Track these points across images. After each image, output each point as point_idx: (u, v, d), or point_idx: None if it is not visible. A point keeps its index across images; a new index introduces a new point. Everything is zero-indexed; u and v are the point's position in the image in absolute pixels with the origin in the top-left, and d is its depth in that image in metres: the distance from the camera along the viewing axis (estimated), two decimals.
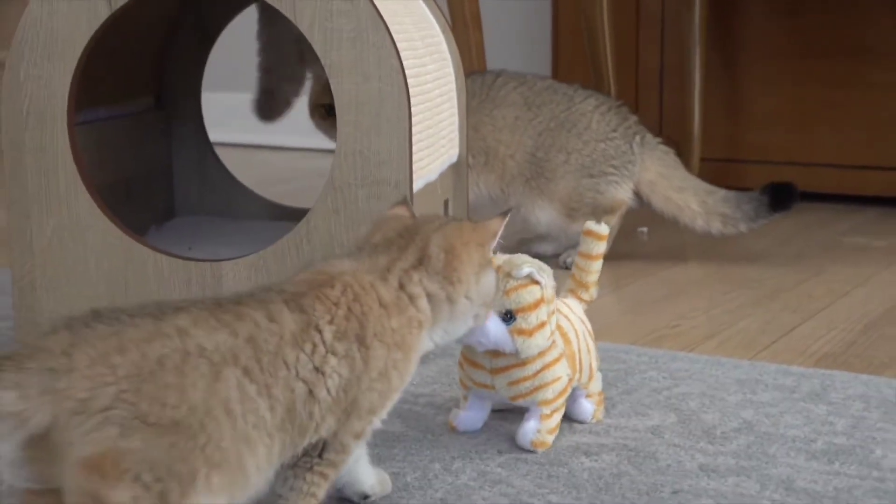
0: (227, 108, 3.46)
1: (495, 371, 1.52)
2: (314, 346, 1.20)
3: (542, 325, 1.48)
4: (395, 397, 1.29)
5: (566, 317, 1.57)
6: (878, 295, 2.35)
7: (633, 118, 2.63)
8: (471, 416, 1.58)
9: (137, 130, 2.31)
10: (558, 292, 1.57)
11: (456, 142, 2.24)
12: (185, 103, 2.46)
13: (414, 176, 1.85)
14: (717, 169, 3.27)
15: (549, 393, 1.51)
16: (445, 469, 1.47)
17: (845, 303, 2.30)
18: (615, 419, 1.63)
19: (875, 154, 3.25)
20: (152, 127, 2.39)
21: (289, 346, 1.19)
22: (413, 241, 1.33)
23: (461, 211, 2.29)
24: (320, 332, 1.21)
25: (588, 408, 1.61)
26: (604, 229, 1.62)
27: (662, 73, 3.52)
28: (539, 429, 1.52)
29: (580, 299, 1.64)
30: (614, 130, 2.57)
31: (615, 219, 2.57)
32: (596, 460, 1.49)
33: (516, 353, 1.48)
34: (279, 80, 2.52)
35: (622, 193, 2.56)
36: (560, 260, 2.57)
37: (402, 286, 1.29)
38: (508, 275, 1.48)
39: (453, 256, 1.32)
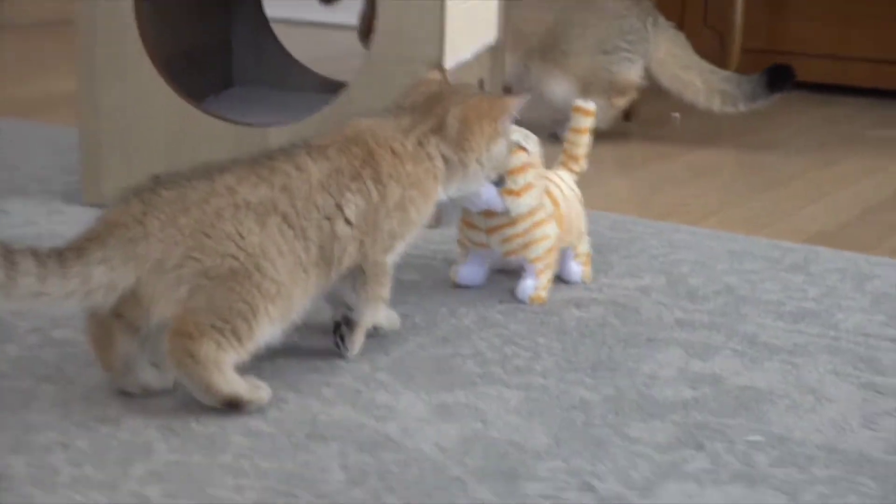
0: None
1: (490, 230, 1.70)
2: (337, 186, 1.42)
3: (529, 186, 1.66)
4: (415, 231, 1.51)
5: (556, 185, 1.75)
6: (886, 184, 2.50)
7: (648, 2, 2.79)
8: (471, 270, 1.76)
9: (198, 5, 2.50)
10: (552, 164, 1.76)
11: (494, 25, 2.41)
12: None
13: (447, 55, 2.03)
14: (756, 59, 3.38)
15: (539, 249, 1.70)
16: (451, 313, 1.67)
17: (852, 190, 2.45)
18: (610, 279, 1.82)
19: None
20: (212, 2, 2.57)
21: (317, 191, 1.41)
22: (434, 110, 1.52)
23: (497, 91, 2.46)
24: (341, 174, 1.43)
25: (577, 269, 1.79)
26: (591, 105, 1.81)
27: None
28: (536, 285, 1.71)
29: (571, 170, 1.83)
30: (628, 9, 2.74)
31: (624, 100, 2.76)
32: (585, 312, 1.69)
33: (507, 212, 1.67)
34: None
35: (633, 74, 2.73)
36: (559, 133, 2.74)
37: (420, 144, 1.50)
38: None
39: (466, 128, 1.52)
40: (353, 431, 1.33)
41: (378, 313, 1.53)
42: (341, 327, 1.52)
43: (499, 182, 1.63)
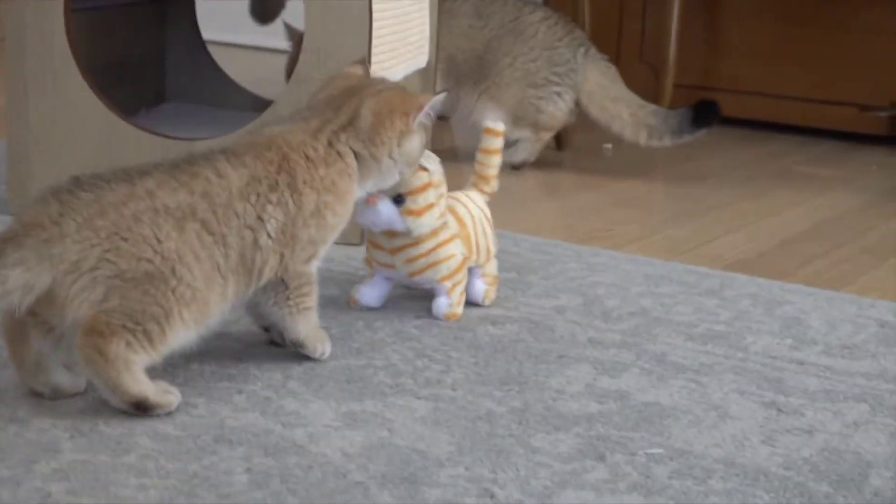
0: (223, 9, 3.63)
1: (394, 250, 1.71)
2: (257, 196, 1.44)
3: (431, 206, 1.67)
4: (334, 234, 1.52)
5: (464, 204, 1.77)
6: (806, 216, 2.55)
7: (580, 32, 2.84)
8: (371, 291, 1.77)
9: (132, 20, 2.51)
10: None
11: (425, 49, 2.44)
12: None
13: (373, 74, 2.05)
14: (689, 95, 3.43)
15: (444, 269, 1.71)
16: (367, 326, 1.69)
17: (773, 221, 2.50)
18: (527, 298, 1.85)
19: (837, 90, 3.43)
20: (146, 18, 2.59)
21: (237, 199, 1.42)
22: (349, 103, 1.55)
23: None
24: (260, 183, 1.44)
25: (480, 288, 1.80)
26: (500, 126, 1.83)
27: (646, 2, 3.68)
28: (450, 302, 1.73)
29: (481, 191, 1.84)
30: (559, 40, 2.77)
31: (551, 133, 2.81)
32: (500, 329, 1.72)
33: (408, 232, 1.67)
34: None
35: (561, 109, 2.76)
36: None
37: (330, 144, 1.51)
38: None
39: (378, 121, 1.54)
40: (260, 436, 1.34)
41: (311, 323, 1.53)
42: (279, 344, 1.56)
43: (399, 201, 1.65)
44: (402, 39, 2.24)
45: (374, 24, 2.03)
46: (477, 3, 2.81)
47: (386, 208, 1.65)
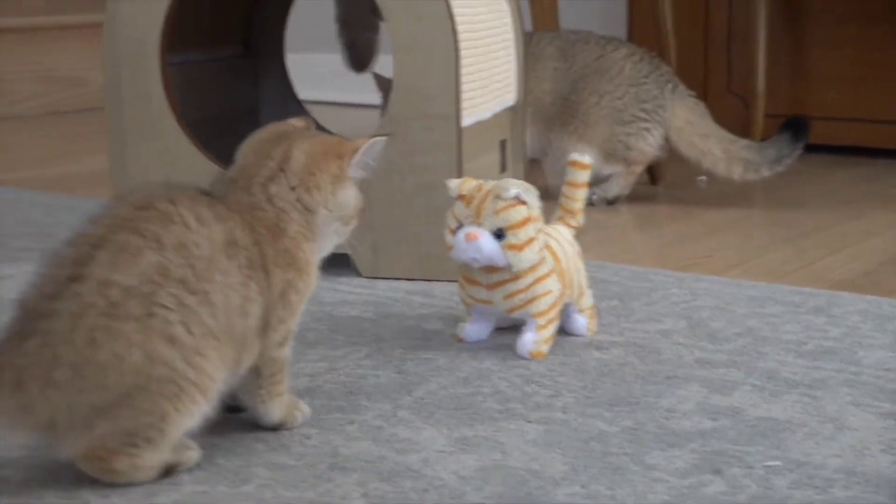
0: (317, 68, 3.70)
1: (491, 286, 1.69)
2: (238, 266, 1.29)
3: (531, 240, 1.65)
4: (299, 310, 1.38)
5: (555, 239, 1.74)
6: None
7: (667, 68, 2.83)
8: (476, 328, 1.75)
9: (226, 74, 2.56)
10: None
11: (513, 87, 2.46)
12: (271, 52, 2.71)
13: (463, 112, 2.07)
14: (779, 124, 3.42)
15: (541, 304, 1.68)
16: (472, 356, 1.70)
17: (875, 241, 2.46)
18: (631, 324, 1.84)
19: None
20: (240, 71, 2.64)
21: (220, 254, 1.28)
22: (279, 146, 1.38)
23: (517, 153, 2.50)
24: (240, 251, 1.30)
25: (582, 322, 1.78)
26: (587, 159, 1.80)
27: (730, 34, 3.67)
28: (535, 339, 1.69)
29: (568, 225, 1.81)
30: (646, 77, 2.77)
31: (642, 167, 2.81)
32: (605, 353, 1.71)
33: (509, 267, 1.65)
34: (357, 30, 2.76)
35: (650, 144, 2.76)
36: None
37: (270, 200, 1.35)
38: (498, 196, 1.64)
39: (312, 162, 1.38)
40: (374, 463, 1.35)
41: (283, 404, 1.42)
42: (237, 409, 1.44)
43: (500, 236, 1.63)
44: (489, 77, 2.26)
45: (462, 62, 2.05)
46: (561, 45, 2.83)
47: (488, 243, 1.63)
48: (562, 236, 1.77)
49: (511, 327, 1.77)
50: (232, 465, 1.34)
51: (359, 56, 2.91)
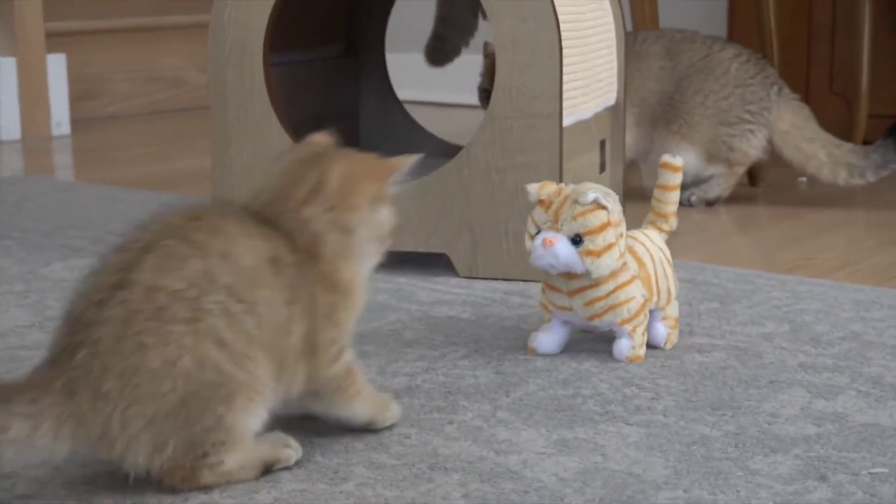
0: (417, 68, 3.71)
1: (572, 293, 1.65)
2: (281, 285, 1.27)
3: (610, 246, 1.60)
4: (352, 325, 1.36)
5: (642, 244, 1.69)
6: None
7: (772, 70, 2.79)
8: (549, 338, 1.70)
9: (328, 74, 2.58)
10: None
11: (614, 86, 2.44)
12: (372, 52, 2.72)
13: (565, 111, 2.06)
14: (883, 125, 3.36)
15: (624, 312, 1.64)
16: (571, 358, 1.69)
17: None
18: (732, 327, 1.82)
19: None
20: (341, 71, 2.66)
21: (266, 267, 1.26)
22: (312, 168, 1.34)
23: (617, 153, 2.49)
24: (282, 269, 1.27)
25: (662, 332, 1.72)
26: (679, 161, 1.75)
27: (834, 30, 3.62)
28: (633, 345, 1.66)
29: (660, 229, 1.76)
30: (752, 78, 2.73)
31: (744, 168, 2.77)
32: (707, 356, 1.69)
33: (588, 274, 1.61)
34: (451, 28, 2.77)
35: (754, 148, 2.72)
36: (683, 198, 2.73)
37: (303, 227, 1.32)
38: (576, 201, 1.60)
39: (350, 184, 1.34)
40: (474, 463, 1.35)
41: (368, 400, 1.40)
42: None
43: (577, 242, 1.59)
44: (592, 76, 2.25)
45: (565, 61, 2.04)
46: (666, 44, 2.79)
47: (564, 249, 1.59)
48: (650, 241, 1.72)
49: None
50: (331, 463, 1.35)
51: (442, 51, 2.91)
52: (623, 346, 1.67)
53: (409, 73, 3.43)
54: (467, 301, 1.97)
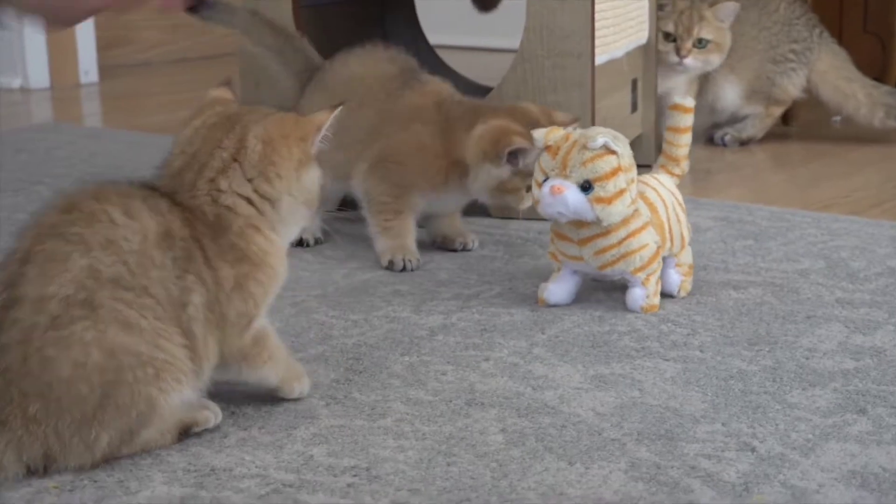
0: (447, 12, 3.68)
1: (582, 242, 1.58)
2: (174, 259, 1.21)
3: (622, 192, 1.54)
4: (271, 293, 1.29)
5: (654, 189, 1.63)
6: None
7: (813, 14, 2.77)
8: (559, 288, 1.64)
9: (355, 16, 2.56)
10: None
11: (646, 25, 2.42)
12: None
13: (597, 50, 2.04)
14: None
15: (636, 260, 1.58)
16: (607, 295, 1.68)
17: None
18: (768, 263, 1.81)
19: None
20: (368, 13, 2.64)
21: (154, 247, 1.20)
22: (229, 135, 1.26)
23: (649, 92, 2.46)
24: (175, 243, 1.22)
25: (675, 279, 1.66)
26: (689, 102, 1.69)
27: None
28: (647, 293, 1.60)
29: (671, 173, 1.70)
30: (798, 18, 2.71)
31: (781, 109, 2.75)
32: (742, 293, 1.68)
33: (598, 222, 1.55)
34: None
35: (795, 86, 2.70)
36: (716, 137, 2.73)
37: (214, 200, 1.25)
38: (584, 147, 1.54)
39: (272, 149, 1.26)
40: (511, 399, 1.34)
41: (279, 367, 1.32)
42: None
43: (587, 188, 1.54)
44: (622, 15, 2.23)
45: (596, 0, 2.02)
46: None
47: (573, 197, 1.54)
48: (662, 185, 1.66)
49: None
50: (368, 399, 1.35)
51: None
52: (637, 296, 1.61)
53: (440, 17, 3.40)
54: (500, 241, 1.96)
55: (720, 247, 1.89)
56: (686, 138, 1.71)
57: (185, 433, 1.26)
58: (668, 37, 2.56)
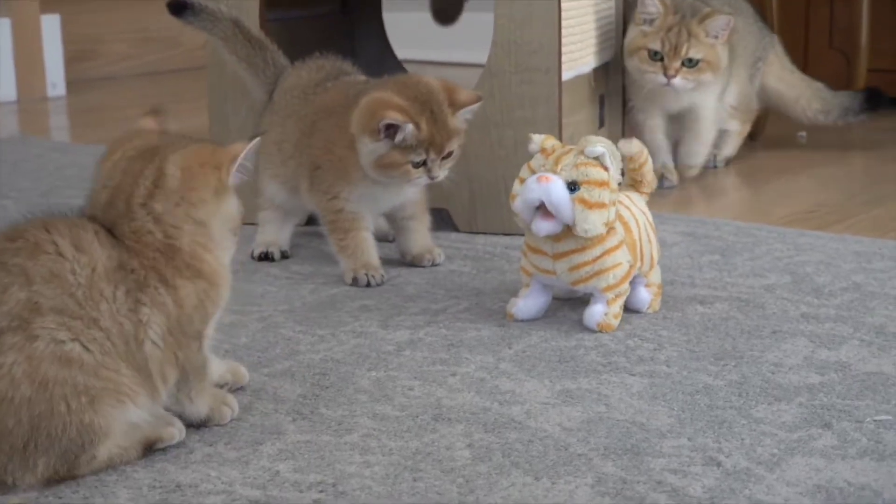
0: (414, 27, 3.68)
1: (557, 256, 1.58)
2: (127, 291, 1.22)
3: (603, 205, 1.54)
4: (216, 314, 1.30)
5: (627, 208, 1.63)
6: None
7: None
8: (529, 303, 1.64)
9: (323, 31, 2.56)
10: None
11: (612, 41, 2.42)
12: (368, 10, 2.70)
13: (564, 66, 2.05)
14: (882, 79, 3.34)
15: (609, 278, 1.58)
16: (572, 310, 1.68)
17: None
18: (734, 278, 1.81)
19: None
20: (337, 28, 2.64)
21: (103, 280, 1.20)
22: (149, 162, 1.27)
23: (616, 108, 2.47)
24: (128, 274, 1.22)
25: (645, 297, 1.67)
26: (635, 148, 1.66)
27: None
28: (606, 312, 1.59)
29: (640, 192, 1.69)
30: (754, 16, 2.69)
31: (749, 125, 2.73)
32: (709, 308, 1.69)
33: (574, 226, 1.54)
34: None
35: (757, 91, 2.69)
36: (709, 163, 2.64)
37: (156, 220, 1.25)
38: (581, 152, 1.55)
39: (190, 176, 1.26)
40: (478, 414, 1.34)
41: (208, 396, 1.31)
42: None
43: (573, 188, 1.54)
44: (590, 31, 2.24)
45: (563, 14, 2.02)
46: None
47: (557, 189, 1.53)
48: (633, 204, 1.66)
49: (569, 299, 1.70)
50: (335, 414, 1.35)
51: (446, 8, 2.89)
52: (596, 312, 1.59)
53: (407, 32, 3.40)
54: (468, 255, 1.97)
55: (687, 262, 1.90)
56: (647, 166, 1.69)
57: (150, 448, 1.25)
58: (654, 55, 2.33)
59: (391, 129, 1.74)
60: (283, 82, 1.99)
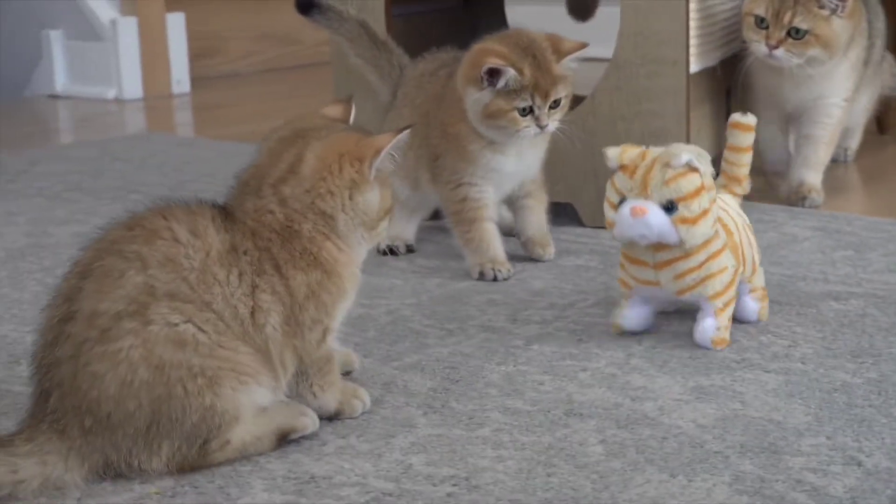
0: (538, 20, 3.66)
1: (659, 265, 1.50)
2: (240, 274, 1.23)
3: (706, 212, 1.46)
4: (341, 307, 1.30)
5: (724, 210, 1.54)
6: None
7: None
8: (636, 313, 1.56)
9: (446, 25, 2.56)
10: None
11: (739, 34, 2.38)
12: (491, 3, 2.69)
13: (692, 57, 2.02)
14: None
15: (716, 284, 1.49)
16: None
17: None
18: (869, 275, 1.77)
19: None
20: (460, 22, 2.63)
21: (216, 264, 1.22)
22: (293, 146, 1.29)
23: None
24: (240, 257, 1.24)
25: (753, 306, 1.58)
26: (750, 120, 1.59)
27: None
28: (718, 326, 1.50)
29: (733, 193, 1.61)
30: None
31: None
32: (844, 304, 1.65)
33: (681, 244, 1.47)
34: None
35: None
36: (840, 156, 2.57)
37: (283, 202, 1.27)
38: (667, 164, 1.46)
39: (324, 166, 1.27)
40: (610, 410, 1.33)
41: (338, 392, 1.32)
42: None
43: (670, 209, 1.46)
44: (716, 22, 2.20)
45: (691, 5, 2.00)
46: None
47: (656, 218, 1.46)
48: (729, 207, 1.58)
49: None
50: (466, 408, 1.35)
51: (581, 4, 2.86)
52: (707, 327, 1.51)
53: (532, 27, 3.40)
54: (594, 250, 1.95)
55: (819, 257, 1.86)
56: (747, 157, 1.61)
57: (284, 439, 1.26)
58: (760, 22, 2.12)
59: (494, 76, 1.75)
60: (404, 78, 2.00)
